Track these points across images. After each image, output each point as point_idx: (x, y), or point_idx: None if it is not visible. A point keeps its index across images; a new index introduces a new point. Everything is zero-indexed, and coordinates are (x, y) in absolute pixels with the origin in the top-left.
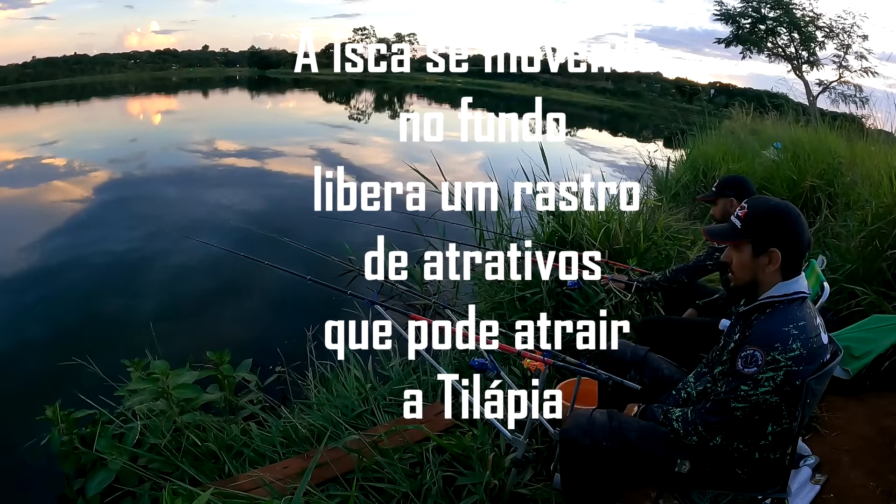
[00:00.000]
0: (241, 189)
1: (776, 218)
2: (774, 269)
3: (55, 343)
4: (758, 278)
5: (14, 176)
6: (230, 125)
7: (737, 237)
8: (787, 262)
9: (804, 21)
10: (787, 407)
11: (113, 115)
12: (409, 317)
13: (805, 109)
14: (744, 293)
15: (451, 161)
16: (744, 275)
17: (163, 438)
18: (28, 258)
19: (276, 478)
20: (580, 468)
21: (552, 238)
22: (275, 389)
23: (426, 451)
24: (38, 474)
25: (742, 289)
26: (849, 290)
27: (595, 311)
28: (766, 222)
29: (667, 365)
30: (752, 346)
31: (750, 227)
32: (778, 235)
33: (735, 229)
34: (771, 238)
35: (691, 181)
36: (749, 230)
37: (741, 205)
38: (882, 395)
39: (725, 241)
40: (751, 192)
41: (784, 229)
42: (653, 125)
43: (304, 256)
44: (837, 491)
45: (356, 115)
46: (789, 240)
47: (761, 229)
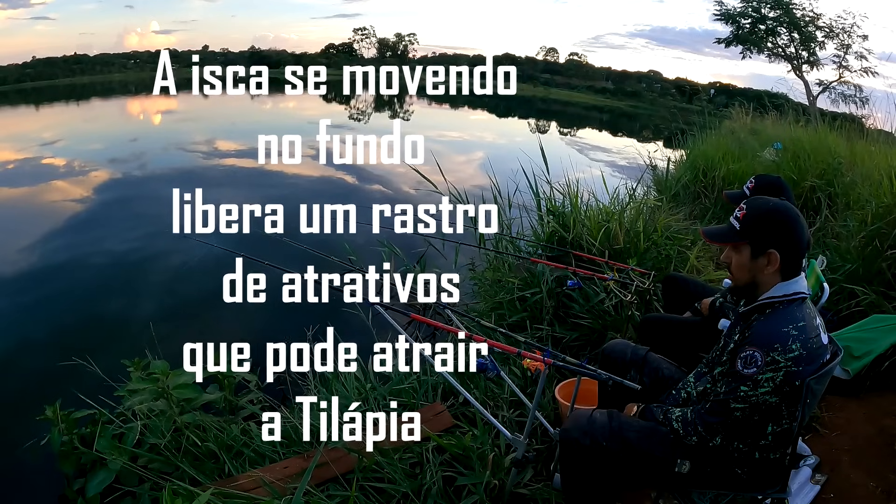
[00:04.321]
0: (242, 188)
1: (775, 219)
2: (773, 271)
3: (55, 343)
4: (757, 279)
5: (14, 176)
6: (230, 125)
7: (735, 238)
8: (785, 263)
9: (804, 21)
10: (786, 407)
11: (113, 115)
12: (409, 317)
13: (805, 109)
14: (743, 294)
15: (452, 161)
16: (742, 276)
17: (163, 438)
18: (28, 258)
19: (276, 478)
20: (580, 468)
21: (552, 238)
22: (275, 389)
23: (426, 451)
24: (38, 474)
25: (741, 289)
26: (849, 290)
27: (595, 310)
28: (765, 224)
29: (667, 365)
30: (752, 347)
31: (748, 228)
32: (776, 237)
33: (733, 230)
34: (769, 239)
35: (691, 181)
36: (747, 231)
37: (740, 205)
38: (882, 395)
39: (724, 243)
40: (787, 195)
41: (782, 230)
42: (653, 125)
43: (304, 256)
44: (837, 491)
45: (356, 115)
46: (788, 241)
47: (760, 231)
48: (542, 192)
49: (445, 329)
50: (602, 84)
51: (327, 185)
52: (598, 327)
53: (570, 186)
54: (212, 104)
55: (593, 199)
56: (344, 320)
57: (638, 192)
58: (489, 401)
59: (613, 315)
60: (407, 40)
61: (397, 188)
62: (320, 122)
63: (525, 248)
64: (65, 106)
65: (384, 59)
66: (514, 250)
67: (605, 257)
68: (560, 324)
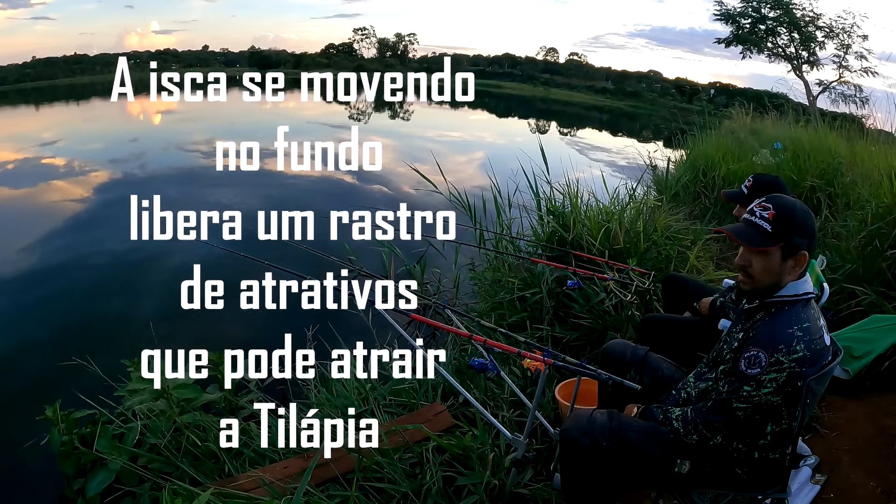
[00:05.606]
0: (242, 188)
1: (805, 220)
2: (798, 272)
3: (55, 343)
4: (780, 281)
5: (14, 176)
6: (231, 125)
7: (769, 242)
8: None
9: (804, 21)
10: (787, 407)
11: (113, 115)
12: (409, 317)
13: (805, 109)
14: (761, 295)
15: (452, 161)
16: (768, 278)
17: (163, 438)
18: (28, 258)
19: (276, 478)
20: (580, 468)
21: (552, 238)
22: (275, 389)
23: (426, 451)
24: (38, 474)
25: (761, 291)
26: (849, 290)
27: (595, 310)
28: (798, 225)
29: (667, 365)
30: (756, 348)
31: (782, 230)
32: (807, 237)
33: (766, 233)
34: (801, 241)
35: (691, 181)
36: (781, 234)
37: (762, 204)
38: (882, 395)
39: (757, 248)
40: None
41: (810, 231)
42: (653, 125)
43: (304, 256)
44: (837, 491)
45: (356, 116)
46: (813, 241)
47: (793, 232)
48: (542, 192)
49: (445, 329)
50: (602, 84)
51: (327, 185)
52: (598, 327)
53: (570, 186)
54: (210, 105)
55: (593, 199)
56: (344, 320)
57: (638, 192)
58: (489, 401)
59: (613, 315)
60: (407, 40)
61: (397, 188)
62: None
63: (525, 248)
64: (65, 106)
65: (384, 59)
66: (514, 250)
67: (605, 257)
68: (560, 324)
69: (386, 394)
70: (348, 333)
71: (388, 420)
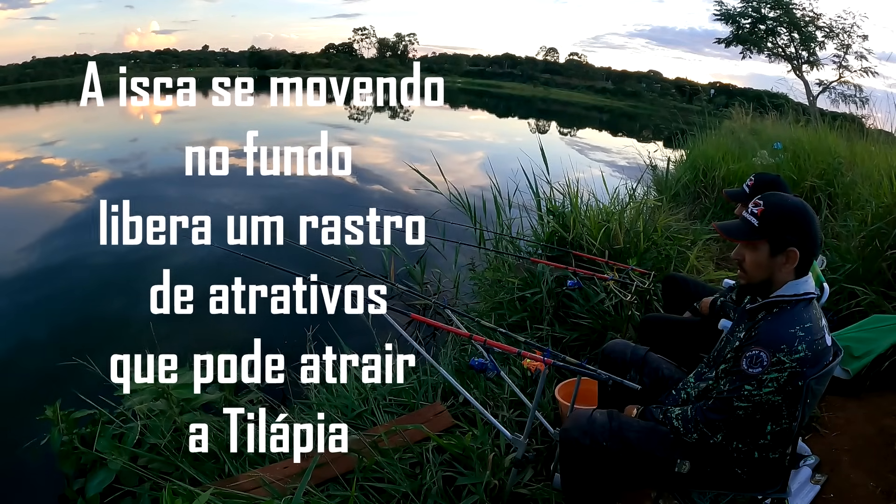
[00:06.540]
0: (243, 189)
1: (795, 217)
2: (790, 269)
3: (55, 343)
4: (773, 277)
5: (14, 176)
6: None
7: (754, 236)
8: (802, 262)
9: (804, 21)
10: (787, 407)
11: (113, 115)
12: (409, 317)
13: (805, 109)
14: (755, 292)
15: (452, 161)
16: (758, 273)
17: (163, 438)
18: (28, 258)
19: (276, 478)
20: (580, 468)
21: (552, 238)
22: (275, 389)
23: (426, 451)
24: (38, 474)
25: (754, 287)
26: (849, 290)
27: (595, 310)
28: (785, 221)
29: (667, 365)
30: (758, 347)
31: (768, 225)
32: (798, 235)
33: (752, 227)
34: (791, 238)
35: (691, 181)
36: (767, 228)
37: (756, 201)
38: (882, 395)
39: (743, 241)
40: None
41: (802, 229)
42: (653, 125)
43: (304, 256)
44: (837, 491)
45: (356, 116)
46: (806, 239)
47: (780, 228)
48: (542, 192)
49: (445, 329)
50: (602, 84)
51: (327, 185)
52: (598, 327)
53: (570, 186)
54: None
55: (593, 199)
56: (344, 320)
57: (638, 192)
58: (489, 401)
59: (613, 315)
60: (407, 40)
61: (397, 188)
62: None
63: (525, 248)
64: (65, 106)
65: (384, 58)
66: (514, 250)
67: (605, 257)
68: (560, 324)
69: (386, 394)
70: (348, 333)
71: (388, 420)
